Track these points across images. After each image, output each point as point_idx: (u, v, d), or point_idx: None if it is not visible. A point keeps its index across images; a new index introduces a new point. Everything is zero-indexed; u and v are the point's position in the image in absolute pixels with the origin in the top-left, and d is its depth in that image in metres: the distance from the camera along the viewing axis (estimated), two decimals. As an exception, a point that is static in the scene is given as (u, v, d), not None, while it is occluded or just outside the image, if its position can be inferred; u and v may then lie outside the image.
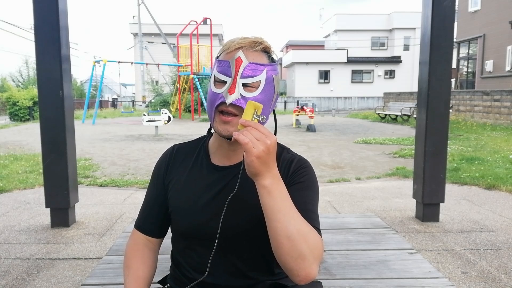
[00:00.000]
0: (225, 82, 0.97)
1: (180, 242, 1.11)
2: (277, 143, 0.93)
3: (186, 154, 1.13)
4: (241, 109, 0.95)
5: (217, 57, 1.03)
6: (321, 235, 0.93)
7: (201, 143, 1.14)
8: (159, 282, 1.22)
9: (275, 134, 0.94)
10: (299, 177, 1.02)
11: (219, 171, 1.07)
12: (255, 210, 0.95)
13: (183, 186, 1.08)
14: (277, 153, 1.03)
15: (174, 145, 1.17)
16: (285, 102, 28.56)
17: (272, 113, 1.06)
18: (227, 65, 0.97)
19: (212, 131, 1.08)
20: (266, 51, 1.01)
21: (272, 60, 1.02)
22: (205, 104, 16.08)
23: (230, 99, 0.95)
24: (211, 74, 1.02)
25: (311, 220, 0.93)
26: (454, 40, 10.12)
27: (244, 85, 0.96)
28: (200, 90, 18.19)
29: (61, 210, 3.25)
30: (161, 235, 1.15)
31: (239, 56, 0.96)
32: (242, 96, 0.96)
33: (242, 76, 0.96)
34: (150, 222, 1.13)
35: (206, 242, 1.02)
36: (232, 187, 0.97)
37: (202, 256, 1.04)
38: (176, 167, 1.12)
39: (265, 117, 0.94)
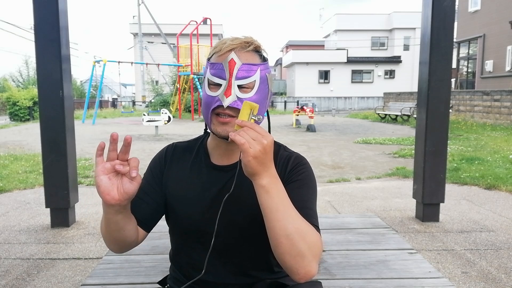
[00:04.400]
0: (219, 85, 0.97)
1: (179, 241, 1.11)
2: (274, 141, 0.93)
3: (185, 153, 1.13)
4: (238, 111, 0.95)
5: (209, 59, 1.03)
6: (319, 233, 0.93)
7: (199, 142, 1.14)
8: (159, 282, 1.22)
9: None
10: (296, 175, 1.02)
11: (218, 170, 1.07)
12: (254, 208, 0.96)
13: (182, 185, 1.08)
14: (274, 151, 1.03)
15: (173, 143, 1.17)
16: (285, 102, 28.55)
17: (266, 112, 1.07)
18: (221, 67, 0.97)
19: (209, 131, 1.08)
20: (257, 50, 1.01)
21: (264, 59, 1.02)
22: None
23: (227, 102, 0.95)
24: (204, 77, 1.02)
25: (309, 218, 0.93)
26: (454, 40, 10.12)
27: (239, 86, 0.97)
28: (200, 90, 18.20)
29: (61, 210, 3.25)
30: (146, 227, 1.06)
31: (232, 58, 0.97)
32: (238, 98, 0.96)
33: (237, 78, 0.96)
34: (139, 210, 1.04)
35: (205, 241, 1.03)
36: (230, 186, 0.98)
37: (202, 255, 1.04)
38: (174, 166, 1.11)
39: (261, 117, 0.95)
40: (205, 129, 1.15)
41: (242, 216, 1.02)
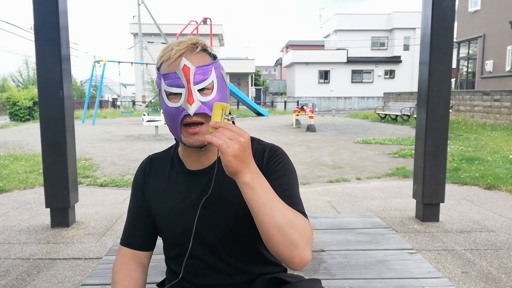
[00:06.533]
0: (179, 94, 0.96)
1: (170, 250, 1.12)
2: None
3: (161, 163, 1.14)
4: (205, 116, 0.95)
5: (158, 68, 1.01)
6: (307, 218, 0.93)
7: (172, 151, 1.14)
8: (158, 284, 1.22)
9: None
10: (274, 166, 1.02)
11: (194, 176, 1.07)
12: (237, 206, 0.97)
13: (162, 195, 1.09)
14: None
15: (149, 155, 1.18)
16: (285, 102, 28.55)
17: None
18: (175, 76, 0.96)
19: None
20: (205, 49, 1.01)
21: (214, 57, 1.02)
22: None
23: (192, 109, 0.94)
24: (160, 89, 1.00)
25: (294, 205, 0.93)
26: (454, 40, 10.12)
27: (199, 91, 0.96)
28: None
29: (61, 210, 3.25)
30: (149, 248, 1.14)
31: (184, 64, 0.95)
32: (202, 103, 0.95)
33: (195, 83, 0.95)
34: (136, 236, 1.12)
35: (195, 246, 1.03)
36: (210, 189, 0.98)
37: (195, 259, 1.05)
38: (153, 177, 1.12)
39: (234, 116, 0.93)
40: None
41: (227, 216, 1.02)
